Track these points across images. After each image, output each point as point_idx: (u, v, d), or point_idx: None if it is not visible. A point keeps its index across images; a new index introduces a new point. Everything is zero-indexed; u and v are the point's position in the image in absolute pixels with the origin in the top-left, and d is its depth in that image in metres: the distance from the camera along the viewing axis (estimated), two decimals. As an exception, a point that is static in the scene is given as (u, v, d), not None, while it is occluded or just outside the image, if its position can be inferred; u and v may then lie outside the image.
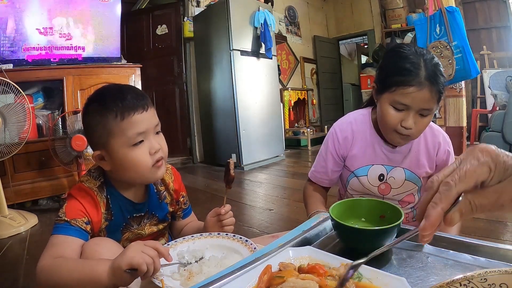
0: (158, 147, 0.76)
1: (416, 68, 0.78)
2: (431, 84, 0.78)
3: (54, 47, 2.51)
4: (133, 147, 0.73)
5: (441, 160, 0.93)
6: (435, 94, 0.79)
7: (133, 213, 0.83)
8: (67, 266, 0.63)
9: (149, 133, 0.75)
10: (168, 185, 0.90)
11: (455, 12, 1.91)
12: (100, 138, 0.74)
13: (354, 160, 0.96)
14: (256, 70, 3.73)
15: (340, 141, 0.97)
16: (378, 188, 0.95)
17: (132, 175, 0.76)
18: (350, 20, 6.01)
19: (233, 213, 0.88)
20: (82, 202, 0.74)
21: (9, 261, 1.54)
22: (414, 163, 0.92)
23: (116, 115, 0.72)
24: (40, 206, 2.43)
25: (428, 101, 0.79)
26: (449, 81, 1.96)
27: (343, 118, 1.01)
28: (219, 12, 3.52)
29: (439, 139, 0.93)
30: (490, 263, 0.50)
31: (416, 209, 1.01)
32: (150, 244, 0.62)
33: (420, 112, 0.81)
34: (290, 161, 4.00)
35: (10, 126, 1.94)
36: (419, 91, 0.78)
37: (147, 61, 3.75)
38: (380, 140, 0.93)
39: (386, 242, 0.56)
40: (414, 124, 0.81)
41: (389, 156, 0.93)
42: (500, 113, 3.57)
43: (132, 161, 0.73)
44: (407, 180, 0.94)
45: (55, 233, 0.71)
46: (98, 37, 2.70)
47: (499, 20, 4.55)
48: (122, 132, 0.72)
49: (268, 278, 0.44)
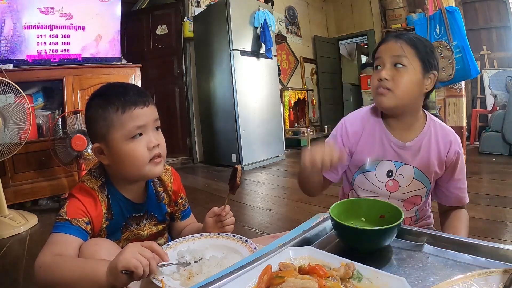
0: (156, 143, 0.77)
1: (387, 36, 0.91)
2: (396, 37, 0.87)
3: (54, 47, 2.51)
4: (132, 139, 0.74)
5: (451, 161, 0.91)
6: (403, 43, 0.85)
7: (132, 213, 0.83)
8: (68, 264, 0.64)
9: (148, 127, 0.77)
10: (167, 186, 0.90)
11: (455, 12, 1.91)
12: (100, 130, 0.75)
13: (362, 155, 0.95)
14: (256, 70, 3.73)
15: (349, 135, 0.96)
16: (385, 184, 0.93)
17: (129, 169, 0.76)
18: (350, 20, 6.01)
19: (233, 213, 0.88)
20: (84, 202, 0.75)
21: (9, 261, 1.54)
22: (425, 162, 0.91)
23: (117, 108, 0.74)
24: (40, 206, 2.43)
25: (395, 48, 0.85)
26: (449, 81, 1.96)
27: (353, 113, 1.02)
28: (219, 12, 3.52)
29: (450, 138, 0.92)
30: (490, 263, 0.50)
31: (420, 212, 1.00)
32: (146, 245, 0.62)
33: (394, 62, 0.85)
34: (290, 161, 4.00)
35: (10, 126, 1.94)
36: (386, 43, 0.88)
37: (147, 61, 3.75)
38: (388, 134, 0.92)
39: (386, 242, 0.56)
40: (389, 76, 0.85)
41: (399, 152, 0.91)
42: (500, 113, 3.58)
43: (129, 154, 0.74)
44: (415, 179, 0.92)
45: (55, 231, 0.71)
46: (98, 37, 2.70)
47: (499, 20, 4.55)
48: (122, 125, 0.74)
49: (268, 278, 0.44)
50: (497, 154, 3.43)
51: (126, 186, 0.82)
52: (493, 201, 1.99)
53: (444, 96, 2.09)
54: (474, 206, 1.87)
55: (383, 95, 0.87)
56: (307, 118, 5.49)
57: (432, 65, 0.87)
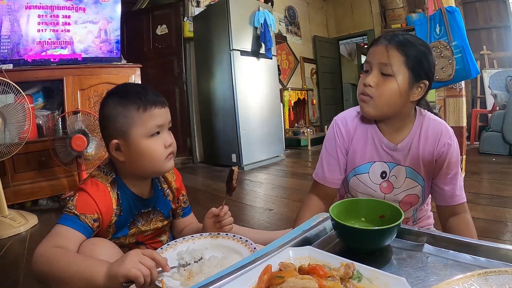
0: (171, 141, 0.82)
1: (380, 37, 0.87)
2: (386, 41, 0.83)
3: (54, 47, 2.51)
4: (150, 137, 0.78)
5: (441, 153, 0.87)
6: (393, 51, 0.81)
7: (140, 209, 0.86)
8: (66, 258, 0.64)
9: (165, 127, 0.82)
10: (170, 183, 0.94)
11: (455, 12, 1.91)
12: (121, 127, 0.78)
13: (355, 156, 0.94)
14: (256, 70, 3.73)
15: (343, 134, 0.95)
16: (380, 186, 0.92)
17: (146, 164, 0.79)
18: (350, 20, 6.01)
19: (233, 213, 0.89)
20: (95, 197, 0.76)
21: (9, 261, 1.54)
22: (415, 159, 0.89)
23: (139, 107, 0.77)
24: (40, 206, 2.43)
25: (383, 55, 0.82)
26: (449, 81, 1.96)
27: (344, 112, 0.99)
28: (219, 12, 3.52)
29: (440, 130, 0.88)
30: (490, 263, 0.50)
31: (418, 213, 0.99)
32: (147, 253, 0.61)
33: (380, 70, 0.83)
34: (290, 161, 4.00)
35: (10, 126, 1.93)
36: (376, 47, 0.85)
37: (147, 61, 3.75)
38: (380, 136, 0.91)
39: (386, 242, 0.56)
40: (374, 83, 0.83)
41: (391, 154, 0.90)
42: (500, 113, 3.58)
43: (148, 149, 0.78)
44: (408, 177, 0.90)
45: (61, 222, 0.71)
46: (98, 37, 2.70)
47: (499, 20, 4.55)
48: (143, 123, 0.77)
49: (268, 278, 0.44)
50: (497, 154, 3.43)
51: (135, 182, 0.84)
52: (493, 201, 1.99)
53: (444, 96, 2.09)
54: (474, 206, 1.87)
55: (364, 102, 0.86)
56: (307, 118, 5.49)
57: (423, 73, 0.83)
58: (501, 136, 3.44)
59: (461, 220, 0.88)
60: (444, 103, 2.10)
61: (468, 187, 2.25)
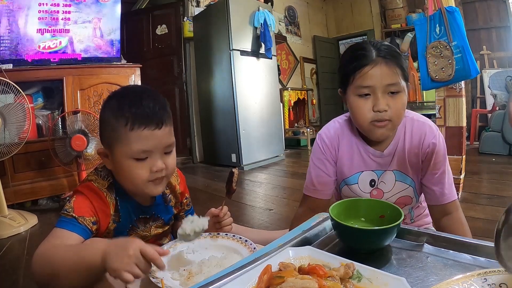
0: (161, 167, 0.72)
1: (367, 51, 0.80)
2: (385, 59, 0.78)
3: (54, 47, 2.51)
4: (135, 160, 0.71)
5: (426, 153, 0.86)
6: (394, 68, 0.78)
7: (139, 215, 0.82)
8: (60, 252, 0.61)
9: (155, 152, 0.71)
10: (174, 188, 0.90)
11: (455, 12, 1.90)
12: (108, 138, 0.74)
13: (342, 168, 0.93)
14: (256, 70, 3.73)
15: (329, 146, 0.94)
16: (370, 194, 0.92)
17: (128, 184, 0.75)
18: (350, 20, 6.01)
19: (233, 213, 0.89)
20: (92, 201, 0.73)
21: (9, 261, 1.54)
22: (401, 162, 0.88)
23: (127, 123, 0.69)
24: (40, 206, 2.43)
25: (389, 76, 0.78)
26: (449, 81, 1.96)
27: (327, 126, 0.98)
28: (219, 12, 3.52)
29: (425, 130, 0.87)
30: (490, 263, 0.50)
31: (414, 210, 0.99)
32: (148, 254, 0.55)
33: (387, 91, 0.79)
34: (290, 161, 4.00)
35: (10, 126, 1.93)
36: (375, 67, 0.78)
37: (147, 61, 3.75)
38: (365, 145, 0.90)
39: (386, 242, 0.56)
40: (387, 106, 0.79)
41: (377, 161, 0.90)
42: (500, 113, 3.58)
43: (129, 172, 0.71)
44: (397, 181, 0.90)
45: (59, 226, 0.68)
46: (98, 37, 2.70)
47: (499, 20, 4.55)
48: (128, 143, 0.69)
49: (268, 278, 0.44)
50: (497, 154, 3.43)
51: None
52: (493, 201, 1.99)
53: (444, 96, 2.09)
54: (474, 206, 1.87)
55: (381, 128, 0.82)
56: (307, 118, 5.49)
57: (407, 77, 0.82)
58: (501, 136, 3.44)
59: (454, 220, 0.87)
60: (444, 103, 2.10)
61: (468, 187, 2.25)
